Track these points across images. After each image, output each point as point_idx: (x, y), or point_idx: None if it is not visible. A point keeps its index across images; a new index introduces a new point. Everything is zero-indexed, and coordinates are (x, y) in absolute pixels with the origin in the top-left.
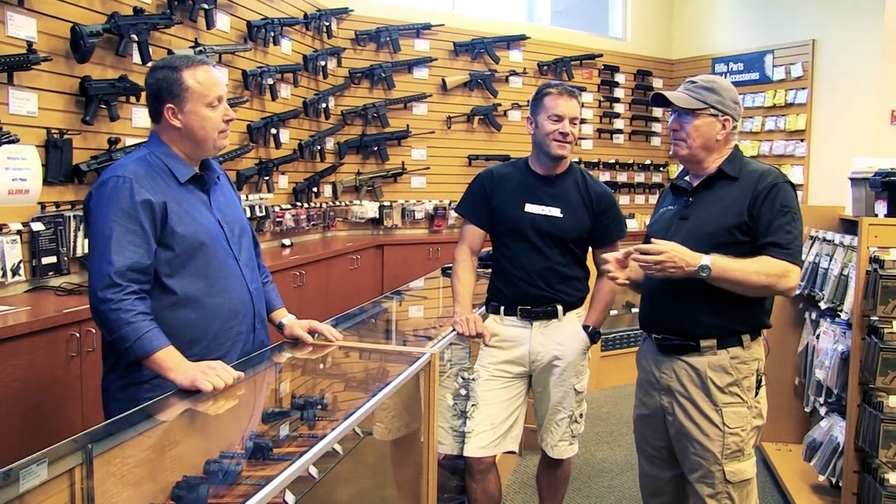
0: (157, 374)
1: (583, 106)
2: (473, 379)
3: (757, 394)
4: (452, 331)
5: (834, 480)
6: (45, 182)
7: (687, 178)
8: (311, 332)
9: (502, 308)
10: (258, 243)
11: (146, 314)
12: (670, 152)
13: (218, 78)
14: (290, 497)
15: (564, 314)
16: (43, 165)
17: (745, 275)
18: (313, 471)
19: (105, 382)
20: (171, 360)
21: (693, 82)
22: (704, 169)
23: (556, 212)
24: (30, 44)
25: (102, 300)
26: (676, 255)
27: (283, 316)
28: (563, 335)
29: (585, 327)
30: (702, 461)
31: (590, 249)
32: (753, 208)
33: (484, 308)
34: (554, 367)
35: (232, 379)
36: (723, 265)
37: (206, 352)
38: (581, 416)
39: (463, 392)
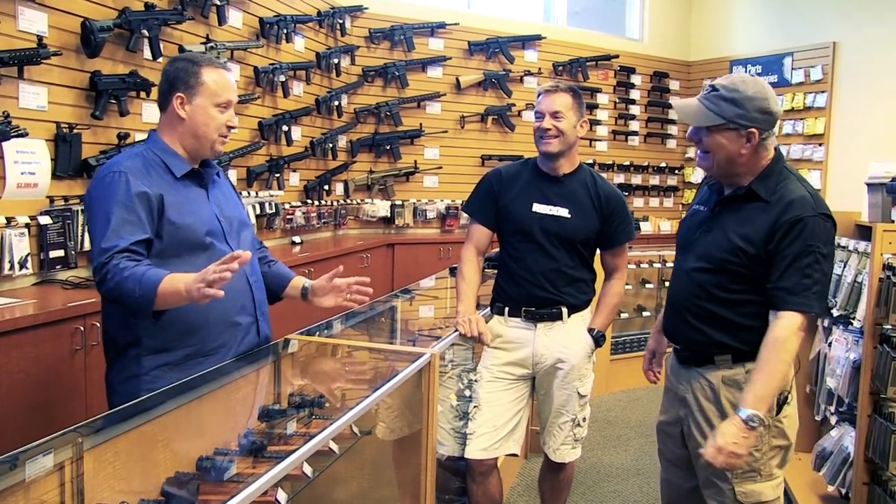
0: (174, 303)
1: (597, 107)
2: (476, 380)
3: (779, 412)
4: (455, 331)
5: (844, 491)
6: (54, 176)
7: None
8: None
9: (506, 309)
10: (260, 241)
11: (137, 262)
12: (697, 164)
13: (232, 84)
14: (282, 495)
15: (569, 316)
16: (52, 160)
17: (778, 381)
18: (308, 469)
19: (108, 377)
20: (176, 282)
21: (715, 89)
22: (736, 183)
23: (563, 212)
24: (40, 38)
25: (102, 277)
26: (727, 451)
27: (304, 281)
28: (567, 338)
29: (590, 330)
30: (713, 478)
31: (597, 252)
32: (770, 243)
33: (489, 309)
34: (557, 369)
35: (235, 263)
36: (765, 400)
37: (205, 342)
38: (584, 419)
39: (467, 393)
